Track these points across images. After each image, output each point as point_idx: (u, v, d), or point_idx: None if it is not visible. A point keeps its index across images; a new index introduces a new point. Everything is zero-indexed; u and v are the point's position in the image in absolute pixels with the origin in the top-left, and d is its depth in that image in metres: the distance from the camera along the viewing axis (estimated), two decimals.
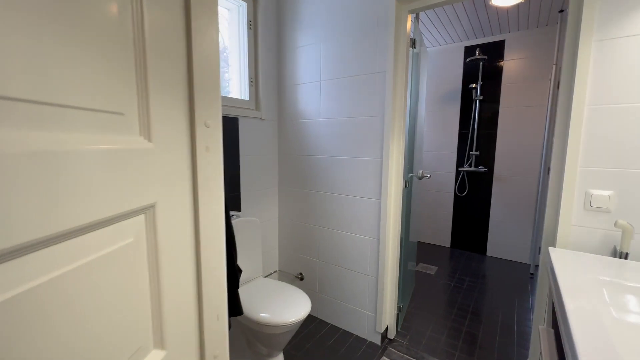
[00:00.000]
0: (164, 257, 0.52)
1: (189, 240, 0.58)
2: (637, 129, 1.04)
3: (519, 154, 3.00)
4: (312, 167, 1.92)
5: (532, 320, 2.06)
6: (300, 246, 2.04)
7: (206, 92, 0.60)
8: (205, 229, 0.61)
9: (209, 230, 0.62)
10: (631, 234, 1.05)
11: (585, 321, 0.67)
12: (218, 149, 0.63)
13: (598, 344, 0.59)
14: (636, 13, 1.02)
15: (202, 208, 0.60)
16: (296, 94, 1.94)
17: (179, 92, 0.54)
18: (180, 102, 0.55)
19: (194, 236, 0.60)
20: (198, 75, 0.58)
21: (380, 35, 1.56)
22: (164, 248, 0.52)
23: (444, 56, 3.30)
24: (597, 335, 0.62)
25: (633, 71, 1.04)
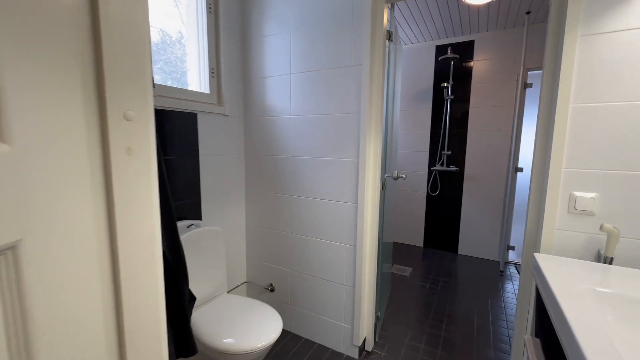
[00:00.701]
0: (41, 326, 0.34)
1: (96, 290, 0.40)
2: (622, 129, 1.00)
3: (488, 154, 3.05)
4: (282, 168, 1.75)
5: (506, 320, 2.06)
6: (270, 255, 1.87)
7: (126, 73, 0.42)
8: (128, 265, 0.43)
9: (133, 265, 0.44)
10: (617, 238, 1.00)
11: (589, 332, 0.63)
12: (147, 150, 0.45)
13: (605, 352, 0.57)
14: (623, 7, 0.98)
15: (122, 234, 0.43)
16: (264, 87, 1.76)
17: (71, 67, 0.36)
18: (73, 81, 0.36)
19: (111, 279, 0.42)
20: (110, 47, 0.40)
21: (356, 25, 1.44)
22: (42, 315, 0.33)
23: (416, 54, 3.28)
24: (604, 345, 0.59)
25: (619, 69, 0.99)
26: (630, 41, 0.98)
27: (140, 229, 0.45)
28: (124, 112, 0.42)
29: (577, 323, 0.66)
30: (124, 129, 0.42)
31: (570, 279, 0.88)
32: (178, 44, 1.61)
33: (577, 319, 0.67)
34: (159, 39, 1.51)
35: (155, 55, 1.48)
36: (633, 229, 1.02)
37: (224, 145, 1.73)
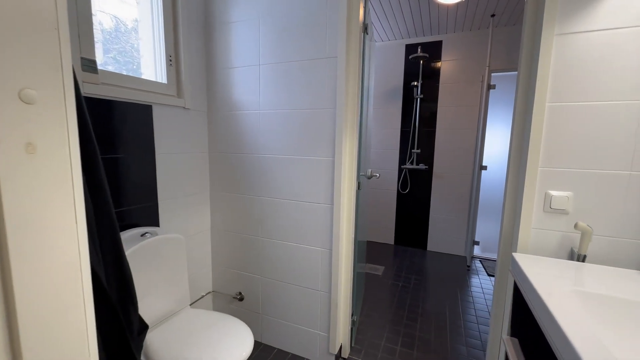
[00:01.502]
0: None
1: None
2: (595, 129, 1.02)
3: (455, 153, 3.13)
4: (251, 167, 1.62)
5: (475, 315, 2.10)
6: (239, 261, 1.73)
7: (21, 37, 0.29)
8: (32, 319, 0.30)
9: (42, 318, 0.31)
10: (590, 236, 1.02)
11: (580, 333, 0.63)
12: (60, 146, 0.32)
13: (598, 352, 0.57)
14: (595, 7, 0.98)
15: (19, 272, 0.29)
16: (230, 79, 1.61)
17: None
18: None
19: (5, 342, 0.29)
20: None
21: (331, 14, 1.34)
22: None
23: (386, 52, 3.27)
24: (596, 346, 0.59)
25: (593, 69, 1.00)
26: (603, 42, 0.99)
27: (53, 258, 0.31)
28: (19, 89, 0.28)
29: (568, 325, 0.65)
30: (18, 114, 0.28)
31: (553, 279, 0.86)
32: (134, 32, 1.41)
33: (567, 321, 0.67)
34: (112, 26, 1.31)
35: (107, 44, 1.28)
36: (605, 227, 1.04)
37: (185, 141, 1.55)
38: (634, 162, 0.99)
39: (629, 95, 0.98)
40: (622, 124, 0.99)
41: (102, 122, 1.17)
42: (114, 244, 0.71)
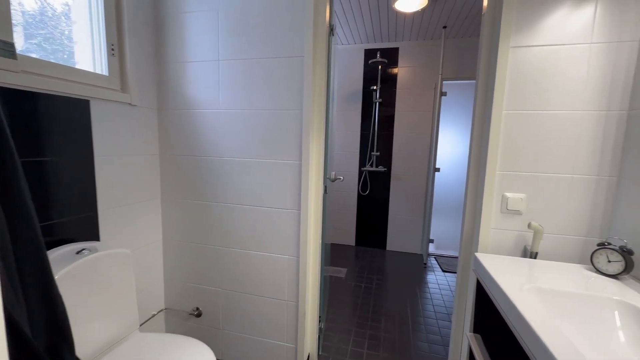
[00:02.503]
0: None
1: None
2: (544, 135, 1.10)
3: (412, 155, 3.27)
4: (210, 171, 1.49)
5: (434, 311, 2.20)
6: (196, 274, 1.58)
7: None
8: None
9: None
10: (541, 234, 1.10)
11: (546, 328, 0.66)
12: None
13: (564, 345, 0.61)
14: (542, 24, 1.07)
15: None
16: (185, 74, 1.46)
17: None
18: None
19: None
20: None
21: (297, 12, 1.29)
22: None
23: (347, 56, 3.30)
24: (562, 341, 0.62)
25: (542, 80, 1.09)
26: (549, 56, 1.07)
27: None
28: None
29: (534, 320, 0.68)
30: None
31: (515, 277, 0.91)
32: (65, 17, 1.21)
33: (533, 316, 0.70)
34: (37, 9, 1.10)
35: (30, 29, 1.07)
36: (553, 226, 1.13)
37: (132, 142, 1.37)
38: (576, 166, 1.09)
39: (570, 105, 1.08)
40: (566, 131, 1.08)
41: (23, 119, 0.96)
42: (40, 272, 0.57)
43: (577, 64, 1.05)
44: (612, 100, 1.04)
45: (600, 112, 1.05)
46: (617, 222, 1.05)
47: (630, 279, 0.93)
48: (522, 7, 1.08)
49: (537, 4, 1.07)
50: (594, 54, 1.04)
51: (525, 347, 0.68)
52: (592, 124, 1.06)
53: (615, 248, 0.94)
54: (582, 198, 1.09)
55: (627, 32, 1.01)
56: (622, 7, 1.00)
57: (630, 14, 1.00)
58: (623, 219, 1.03)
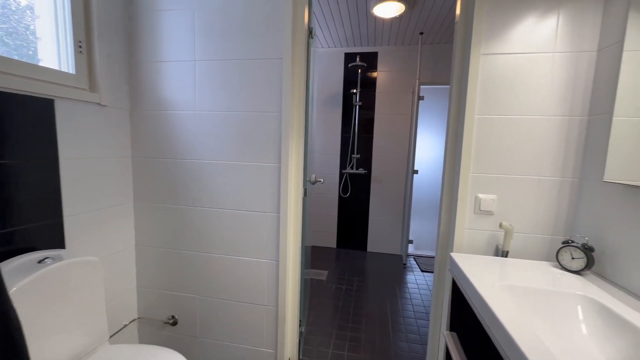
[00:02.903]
0: None
1: None
2: (513, 138, 1.15)
3: (391, 158, 3.33)
4: (186, 174, 1.44)
5: (413, 311, 2.24)
6: (172, 281, 1.52)
7: None
8: None
9: None
10: (512, 234, 1.15)
11: (516, 324, 0.68)
12: None
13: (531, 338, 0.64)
14: (509, 33, 1.12)
15: None
16: (159, 74, 1.42)
17: None
18: None
19: None
20: None
21: (275, 14, 1.28)
22: None
23: (327, 59, 3.32)
24: (530, 336, 0.64)
25: (510, 86, 1.14)
26: (516, 63, 1.13)
27: None
28: None
29: (505, 318, 0.70)
30: None
31: (488, 275, 0.94)
32: (30, 11, 1.14)
33: (504, 314, 0.72)
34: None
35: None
36: (522, 225, 1.18)
37: (101, 144, 1.31)
38: (542, 168, 1.15)
39: (537, 111, 1.13)
40: (533, 135, 1.14)
41: None
42: None
43: (542, 71, 1.11)
44: (574, 106, 1.11)
45: (564, 117, 1.12)
46: (580, 220, 1.12)
47: (591, 274, 0.99)
48: (491, 17, 1.13)
49: (505, 15, 1.12)
50: (557, 62, 1.10)
51: (497, 343, 0.70)
52: (556, 128, 1.12)
53: (578, 245, 0.99)
54: (548, 198, 1.15)
55: (586, 43, 1.08)
56: (581, 20, 1.07)
57: (588, 26, 1.07)
58: (584, 217, 1.09)
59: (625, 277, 0.90)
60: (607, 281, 0.95)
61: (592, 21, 1.07)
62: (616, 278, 0.94)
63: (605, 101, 1.02)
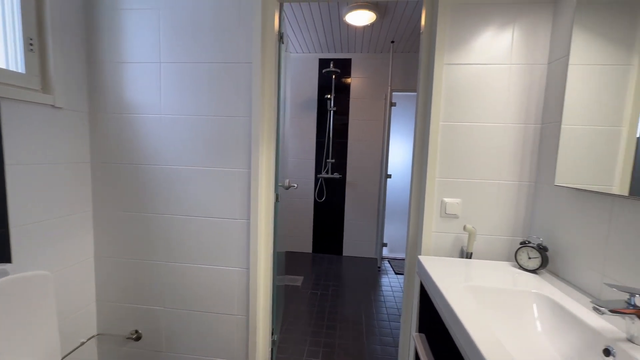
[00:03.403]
0: None
1: None
2: (474, 144, 1.21)
3: (365, 162, 3.39)
4: (151, 180, 1.38)
5: (387, 313, 2.27)
6: (135, 293, 1.44)
7: None
8: None
9: None
10: (475, 236, 1.20)
11: (474, 323, 0.71)
12: None
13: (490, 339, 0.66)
14: (470, 45, 1.18)
15: None
16: (122, 75, 1.35)
17: None
18: None
19: None
20: None
21: (245, 18, 1.27)
22: None
23: (302, 64, 3.33)
24: (487, 335, 0.66)
25: (471, 94, 1.20)
26: (476, 73, 1.19)
27: None
28: None
29: (465, 317, 0.73)
30: None
31: (451, 277, 0.97)
32: None
33: (465, 314, 0.74)
34: None
35: None
36: (484, 227, 1.24)
37: (56, 149, 1.22)
38: (502, 173, 1.21)
39: (496, 119, 1.20)
40: (493, 141, 1.20)
41: None
42: None
43: (501, 82, 1.18)
44: (529, 114, 1.18)
45: (520, 125, 1.19)
46: (536, 222, 1.19)
47: (546, 273, 1.06)
48: (453, 29, 1.18)
49: (466, 28, 1.18)
50: (513, 73, 1.17)
51: (458, 343, 0.72)
52: (513, 135, 1.19)
53: (533, 246, 1.05)
54: (507, 202, 1.22)
55: (538, 56, 1.16)
56: (533, 35, 1.15)
57: (540, 41, 1.15)
58: (539, 219, 1.16)
59: (574, 275, 0.97)
60: (560, 278, 1.01)
61: (543, 36, 1.15)
62: (567, 275, 1.00)
63: (555, 110, 1.09)
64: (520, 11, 1.15)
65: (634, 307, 0.64)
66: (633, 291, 0.65)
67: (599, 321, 0.73)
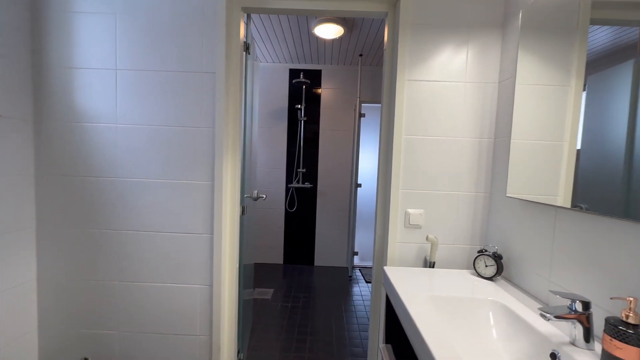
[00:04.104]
0: None
1: None
2: (435, 157, 1.26)
3: (335, 172, 3.42)
4: (106, 194, 1.29)
5: (357, 324, 2.27)
6: (85, 317, 1.32)
7: None
8: None
9: None
10: (437, 245, 1.24)
11: (433, 334, 0.73)
12: None
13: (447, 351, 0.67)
14: (429, 62, 1.24)
15: None
16: (72, 82, 1.26)
17: None
18: None
19: None
20: None
21: (208, 26, 1.24)
22: None
23: (272, 74, 3.33)
24: (444, 344, 0.68)
25: (431, 109, 1.25)
26: (435, 90, 1.25)
27: None
28: None
29: (426, 330, 0.74)
30: None
31: (414, 287, 0.99)
32: None
33: (425, 326, 0.76)
34: None
35: None
36: (446, 237, 1.28)
37: None
38: (460, 184, 1.27)
39: (455, 133, 1.26)
40: (452, 154, 1.26)
41: None
42: None
43: (458, 98, 1.25)
44: (483, 129, 1.25)
45: (475, 139, 1.26)
46: (491, 231, 1.25)
47: (502, 280, 1.11)
48: (414, 47, 1.24)
49: (425, 46, 1.24)
50: (468, 90, 1.24)
51: (418, 355, 0.73)
52: (470, 148, 1.26)
53: (489, 254, 1.10)
54: (466, 212, 1.28)
55: (490, 75, 1.24)
56: (485, 55, 1.23)
57: (491, 61, 1.24)
58: (494, 228, 1.23)
59: (525, 281, 1.03)
60: (513, 285, 1.07)
61: (493, 56, 1.23)
62: (519, 281, 1.06)
63: (506, 126, 1.17)
64: (472, 33, 1.23)
65: (575, 312, 0.69)
66: (574, 297, 0.69)
67: (547, 326, 0.77)
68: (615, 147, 0.71)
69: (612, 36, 0.74)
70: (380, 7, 1.31)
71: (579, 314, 0.68)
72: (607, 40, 0.76)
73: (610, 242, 0.73)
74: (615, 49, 0.73)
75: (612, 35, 0.74)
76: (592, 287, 0.77)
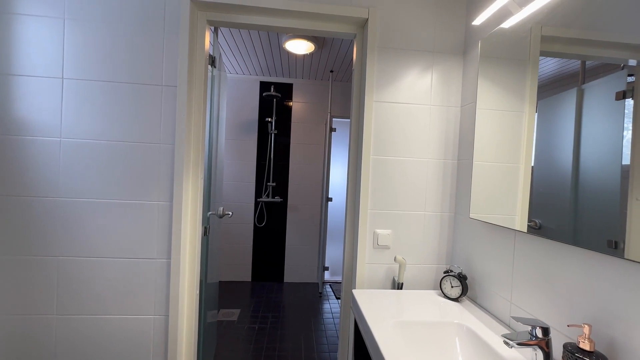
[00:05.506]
0: None
1: None
2: (402, 177, 1.27)
3: (306, 185, 3.38)
4: (46, 216, 1.15)
5: (327, 343, 2.21)
6: (21, 356, 1.15)
7: None
8: None
9: None
10: (405, 266, 1.24)
11: None
12: None
13: None
14: (395, 84, 1.27)
15: None
16: (8, 90, 1.13)
17: None
18: None
19: None
20: None
21: (170, 38, 1.17)
22: None
23: (241, 85, 3.26)
24: None
25: (398, 130, 1.27)
26: (402, 111, 1.27)
27: None
28: None
29: (389, 355, 0.73)
30: None
31: (382, 312, 0.97)
32: None
33: (389, 352, 0.75)
34: None
35: None
36: (413, 257, 1.29)
37: None
38: (427, 204, 1.29)
39: (420, 154, 1.28)
40: (418, 175, 1.28)
41: None
42: None
43: (423, 120, 1.28)
44: (447, 151, 1.29)
45: (440, 160, 1.29)
46: (456, 252, 1.27)
47: (467, 300, 1.12)
48: (381, 69, 1.26)
49: (392, 69, 1.26)
50: (433, 113, 1.28)
51: None
52: (435, 169, 1.29)
53: (455, 275, 1.12)
54: (432, 232, 1.29)
55: (453, 99, 1.29)
56: (449, 80, 1.28)
57: (454, 86, 1.29)
58: (459, 249, 1.25)
59: (489, 302, 1.05)
60: (478, 305, 1.08)
61: (456, 82, 1.29)
62: (483, 302, 1.08)
63: (468, 148, 1.21)
64: (436, 59, 1.28)
65: (535, 338, 0.70)
66: (534, 323, 0.70)
67: (510, 352, 0.78)
68: (563, 167, 0.75)
69: (559, 66, 0.79)
70: (349, 29, 1.32)
71: (539, 339, 0.69)
72: (555, 69, 0.81)
73: (561, 268, 0.76)
74: (563, 76, 0.78)
75: (559, 65, 0.79)
76: (550, 310, 0.79)
